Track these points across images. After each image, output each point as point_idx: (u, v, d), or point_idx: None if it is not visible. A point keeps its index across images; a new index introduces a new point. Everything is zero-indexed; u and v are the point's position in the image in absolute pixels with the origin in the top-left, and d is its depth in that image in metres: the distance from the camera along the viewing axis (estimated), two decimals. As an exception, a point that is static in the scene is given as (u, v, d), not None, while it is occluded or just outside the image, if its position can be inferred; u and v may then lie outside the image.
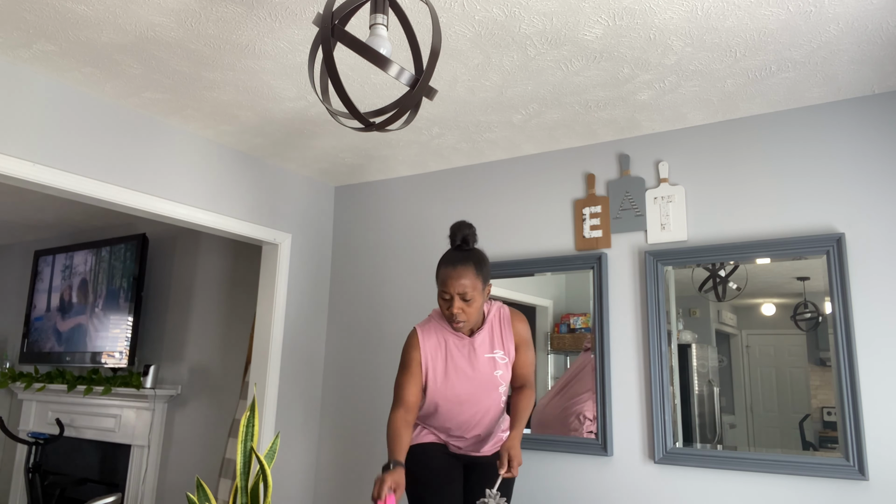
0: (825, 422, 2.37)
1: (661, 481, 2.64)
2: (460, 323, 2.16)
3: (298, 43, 2.23)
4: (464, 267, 2.12)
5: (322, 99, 1.62)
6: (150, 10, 2.06)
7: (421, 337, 2.24)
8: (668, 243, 2.78)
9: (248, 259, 4.14)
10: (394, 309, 3.49)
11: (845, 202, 2.48)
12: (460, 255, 2.16)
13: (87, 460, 4.69)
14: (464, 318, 2.15)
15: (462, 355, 2.23)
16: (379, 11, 1.57)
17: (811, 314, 2.45)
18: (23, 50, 2.36)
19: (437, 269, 2.18)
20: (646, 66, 2.32)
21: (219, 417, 4.02)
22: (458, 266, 2.12)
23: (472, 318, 2.17)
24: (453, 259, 2.15)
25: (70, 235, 5.31)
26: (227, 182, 3.23)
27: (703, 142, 2.79)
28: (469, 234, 2.22)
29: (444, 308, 2.17)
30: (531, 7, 1.97)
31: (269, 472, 1.78)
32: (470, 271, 2.12)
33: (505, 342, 2.27)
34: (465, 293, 2.12)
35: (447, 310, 2.15)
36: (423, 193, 3.51)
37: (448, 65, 2.34)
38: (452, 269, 2.12)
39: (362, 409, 3.48)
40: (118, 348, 4.37)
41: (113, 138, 2.77)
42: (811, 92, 2.49)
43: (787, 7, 1.94)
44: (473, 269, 2.13)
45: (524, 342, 2.31)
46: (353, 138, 3.08)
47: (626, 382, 2.77)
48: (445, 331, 2.25)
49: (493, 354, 2.25)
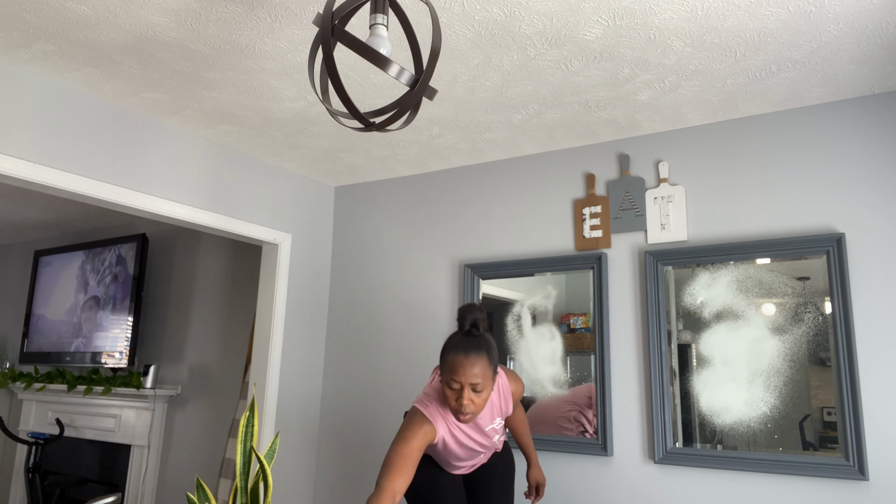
0: (825, 422, 2.37)
1: (661, 481, 2.64)
2: (467, 415, 1.96)
3: (298, 43, 2.23)
4: (476, 356, 1.93)
5: (322, 99, 1.62)
6: (150, 10, 2.06)
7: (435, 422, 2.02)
8: (668, 243, 2.78)
9: (248, 259, 4.14)
10: (394, 309, 3.49)
11: (845, 202, 2.48)
12: (472, 343, 1.96)
13: (87, 460, 4.69)
14: (472, 409, 1.95)
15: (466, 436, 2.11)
16: (379, 11, 1.57)
17: (811, 314, 2.45)
18: (23, 50, 2.36)
19: (442, 354, 1.99)
20: (646, 66, 2.32)
21: (219, 417, 4.02)
22: (470, 354, 1.93)
23: (480, 409, 1.98)
24: (465, 346, 1.95)
25: (70, 235, 5.31)
26: (228, 182, 3.22)
27: (703, 142, 2.79)
28: (480, 319, 2.02)
29: (452, 399, 1.96)
30: (531, 7, 1.97)
31: (269, 472, 1.77)
32: (482, 360, 1.94)
33: (504, 410, 2.19)
34: (478, 384, 1.93)
35: (455, 401, 1.95)
36: (423, 193, 3.51)
37: (448, 65, 2.34)
38: (465, 358, 1.92)
39: (362, 409, 3.48)
40: (118, 348, 4.37)
41: (113, 138, 2.77)
42: (811, 92, 2.49)
43: (787, 7, 1.94)
44: (486, 358, 1.95)
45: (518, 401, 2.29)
46: (353, 138, 3.08)
47: (626, 382, 2.77)
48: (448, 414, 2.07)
49: (493, 424, 2.16)
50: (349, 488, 3.44)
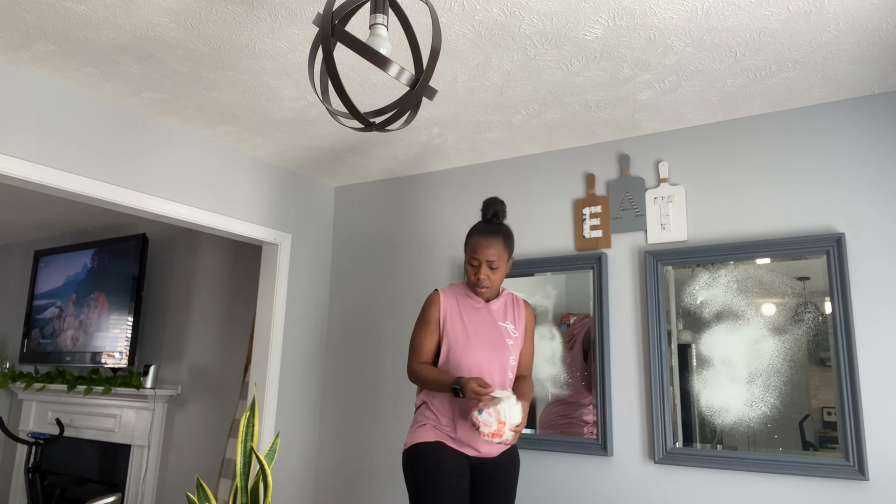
0: (825, 422, 2.37)
1: (661, 481, 2.64)
2: (484, 288, 2.35)
3: (298, 43, 2.23)
4: (494, 238, 2.32)
5: (322, 99, 1.62)
6: (150, 10, 2.06)
7: (442, 296, 2.41)
8: (668, 243, 2.78)
9: (248, 259, 4.14)
10: (394, 309, 3.49)
11: (845, 202, 2.48)
12: (491, 227, 2.36)
13: (87, 460, 4.69)
14: (488, 283, 2.34)
15: (479, 316, 2.38)
16: (379, 11, 1.57)
17: (811, 314, 2.45)
18: (23, 50, 2.36)
19: (467, 237, 2.39)
20: (646, 66, 2.32)
21: (219, 417, 4.02)
22: (489, 236, 2.33)
23: (494, 285, 2.37)
24: (485, 230, 2.35)
25: (70, 235, 5.31)
26: (227, 182, 3.23)
27: (703, 142, 2.79)
28: (500, 210, 2.40)
29: (472, 274, 2.35)
30: (531, 7, 1.97)
31: (269, 472, 1.78)
32: (499, 242, 2.32)
33: (516, 320, 2.44)
34: (493, 261, 2.31)
35: (474, 275, 2.34)
36: (423, 193, 3.51)
37: (448, 65, 2.34)
38: (484, 239, 2.32)
39: (362, 409, 3.48)
40: (118, 348, 4.37)
41: (113, 138, 2.77)
42: (811, 92, 2.49)
43: (787, 7, 1.94)
44: (502, 240, 2.34)
45: (531, 331, 2.48)
46: (353, 138, 3.08)
47: (626, 382, 2.77)
48: (464, 295, 2.42)
49: (506, 325, 2.40)
50: (349, 489, 3.44)
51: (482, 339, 2.35)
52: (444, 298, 2.40)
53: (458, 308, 2.39)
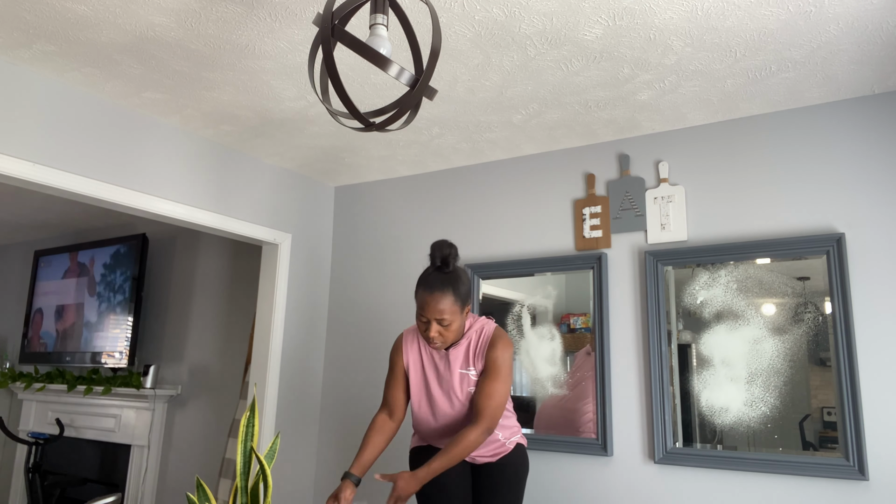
0: (825, 422, 2.37)
1: (661, 481, 2.64)
2: (436, 344, 2.16)
3: (298, 43, 2.23)
4: (441, 293, 2.08)
5: (322, 99, 1.62)
6: (150, 10, 2.06)
7: (405, 342, 2.30)
8: (668, 243, 2.78)
9: (248, 259, 4.14)
10: (393, 309, 3.49)
11: (845, 202, 2.48)
12: (439, 279, 2.11)
13: (87, 460, 4.69)
14: (441, 340, 2.14)
15: (442, 364, 2.24)
16: (379, 11, 1.57)
17: (811, 314, 2.45)
18: (23, 50, 2.36)
19: (415, 288, 2.16)
20: (646, 66, 2.32)
21: (219, 417, 4.02)
22: (435, 291, 2.08)
23: (449, 339, 2.16)
24: (432, 284, 2.10)
25: (70, 235, 5.31)
26: (227, 182, 3.23)
27: (703, 142, 2.79)
28: (450, 255, 2.14)
29: (422, 330, 2.15)
30: (531, 7, 1.97)
31: (269, 472, 1.77)
32: (448, 297, 2.08)
33: (478, 361, 2.21)
34: (444, 319, 2.09)
35: (424, 332, 2.14)
36: (423, 193, 3.51)
37: (448, 65, 2.34)
38: (430, 295, 2.09)
39: (362, 409, 3.48)
40: (118, 348, 4.37)
41: (113, 138, 2.77)
42: (811, 92, 2.49)
43: (787, 7, 1.94)
44: (452, 294, 2.09)
45: (492, 367, 2.15)
46: (353, 138, 3.08)
47: (626, 382, 2.77)
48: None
49: (467, 371, 2.20)
50: (349, 488, 3.44)
51: (442, 392, 2.22)
52: (406, 345, 2.28)
53: (419, 354, 2.27)
